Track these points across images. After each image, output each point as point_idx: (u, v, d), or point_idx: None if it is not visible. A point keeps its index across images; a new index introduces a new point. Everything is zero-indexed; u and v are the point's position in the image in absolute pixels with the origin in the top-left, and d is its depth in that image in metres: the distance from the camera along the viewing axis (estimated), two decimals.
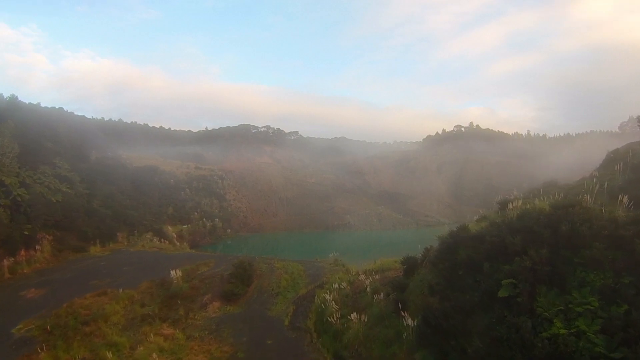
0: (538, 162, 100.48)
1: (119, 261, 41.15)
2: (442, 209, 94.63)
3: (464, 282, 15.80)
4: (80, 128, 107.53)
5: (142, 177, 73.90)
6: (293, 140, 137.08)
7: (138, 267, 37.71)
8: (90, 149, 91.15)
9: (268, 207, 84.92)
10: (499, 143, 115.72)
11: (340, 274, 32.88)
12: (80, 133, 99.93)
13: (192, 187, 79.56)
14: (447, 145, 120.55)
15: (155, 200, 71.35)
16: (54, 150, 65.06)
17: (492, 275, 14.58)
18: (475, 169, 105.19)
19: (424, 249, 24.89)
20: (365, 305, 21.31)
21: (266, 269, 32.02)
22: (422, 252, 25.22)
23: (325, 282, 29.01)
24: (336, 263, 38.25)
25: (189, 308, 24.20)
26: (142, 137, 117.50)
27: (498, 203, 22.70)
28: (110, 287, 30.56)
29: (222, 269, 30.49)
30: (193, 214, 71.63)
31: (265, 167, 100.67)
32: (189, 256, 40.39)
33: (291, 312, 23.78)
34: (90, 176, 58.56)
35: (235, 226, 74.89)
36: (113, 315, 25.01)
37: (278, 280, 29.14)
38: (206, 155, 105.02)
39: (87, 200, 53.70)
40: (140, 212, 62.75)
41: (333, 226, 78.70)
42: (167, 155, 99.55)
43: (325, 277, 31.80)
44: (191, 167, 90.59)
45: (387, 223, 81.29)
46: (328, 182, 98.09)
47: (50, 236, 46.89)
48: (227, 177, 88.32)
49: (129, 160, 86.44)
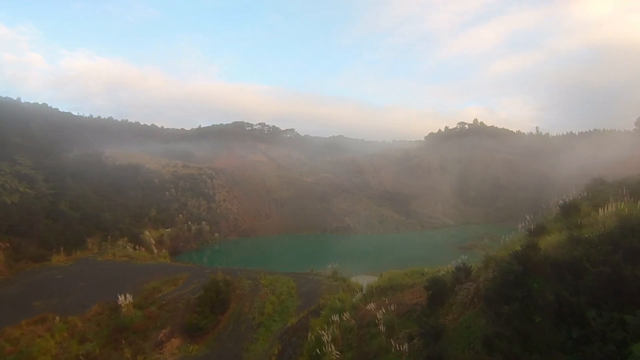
0: (548, 160, 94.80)
1: (78, 274, 35.01)
2: (446, 209, 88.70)
3: (546, 338, 9.74)
4: (61, 124, 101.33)
5: (122, 176, 67.55)
6: (289, 138, 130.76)
7: (96, 283, 31.52)
8: (71, 146, 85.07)
9: (261, 208, 78.67)
10: (505, 141, 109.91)
11: (340, 293, 26.77)
12: (60, 129, 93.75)
13: (178, 187, 73.22)
14: (450, 143, 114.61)
15: (136, 201, 64.97)
16: (21, 145, 58.79)
17: (605, 333, 8.48)
18: (481, 167, 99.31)
19: (456, 267, 18.96)
20: (378, 350, 15.25)
21: (249, 288, 25.88)
22: (451, 272, 19.17)
23: (321, 306, 22.91)
24: (335, 277, 32.14)
25: (138, 347, 18.05)
26: (132, 135, 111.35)
27: (560, 207, 16.48)
28: (54, 311, 24.54)
29: (192, 288, 24.28)
30: (178, 216, 65.32)
31: (259, 166, 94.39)
32: (161, 268, 34.18)
33: (276, 353, 17.63)
34: (58, 174, 52.14)
35: (224, 229, 68.59)
36: (41, 356, 18.83)
37: (262, 304, 23.00)
38: (196, 153, 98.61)
39: (51, 202, 47.37)
40: (117, 214, 56.42)
41: (331, 229, 72.55)
42: (154, 153, 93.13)
43: (321, 297, 25.72)
44: (179, 165, 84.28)
45: (389, 225, 75.24)
46: (326, 181, 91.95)
47: (6, 243, 40.73)
48: (217, 176, 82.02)
49: (112, 158, 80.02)
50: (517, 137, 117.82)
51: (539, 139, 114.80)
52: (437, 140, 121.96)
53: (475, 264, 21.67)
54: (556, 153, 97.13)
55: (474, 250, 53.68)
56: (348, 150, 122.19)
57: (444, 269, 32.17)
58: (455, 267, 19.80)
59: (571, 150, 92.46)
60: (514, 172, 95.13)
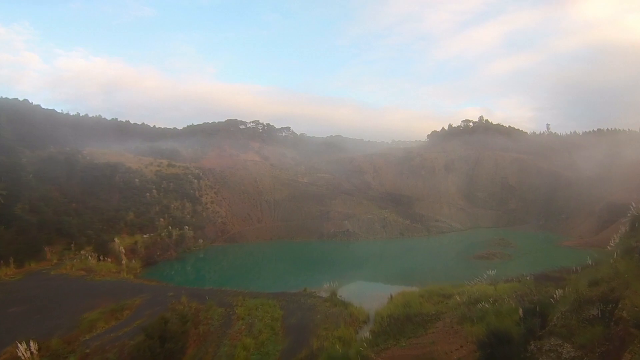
0: (561, 160, 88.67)
1: (15, 294, 28.44)
2: (453, 212, 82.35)
3: None
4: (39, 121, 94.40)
5: (96, 176, 60.73)
6: (284, 136, 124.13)
7: (31, 309, 24.88)
8: (48, 143, 78.31)
9: (252, 211, 71.99)
10: (514, 139, 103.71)
11: (340, 327, 20.25)
12: (35, 126, 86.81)
13: (160, 188, 66.50)
14: (455, 141, 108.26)
15: (111, 204, 58.19)
16: None
17: None
18: (489, 167, 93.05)
19: (523, 309, 12.54)
20: None
21: (218, 321, 19.34)
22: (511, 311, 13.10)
23: (315, 353, 16.36)
24: (333, 301, 25.59)
25: None
26: (120, 133, 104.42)
27: None
28: None
29: (137, 326, 17.65)
30: (158, 220, 58.58)
31: (251, 165, 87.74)
32: (116, 288, 27.57)
33: None
34: (14, 173, 45.28)
35: (210, 235, 61.89)
36: None
37: (232, 349, 16.38)
38: (184, 152, 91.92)
39: (3, 204, 40.51)
40: (85, 219, 49.63)
41: (329, 234, 65.89)
42: (138, 151, 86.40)
43: (316, 334, 19.17)
44: (164, 164, 77.51)
45: (393, 230, 68.69)
46: (323, 182, 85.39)
47: None
48: (204, 176, 75.34)
49: (89, 156, 73.17)
50: (526, 135, 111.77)
51: (553, 137, 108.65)
52: (440, 138, 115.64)
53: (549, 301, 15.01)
54: (568, 152, 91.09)
55: (494, 260, 47.11)
56: (346, 150, 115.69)
57: (472, 289, 25.57)
58: (523, 308, 13.23)
59: (586, 149, 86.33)
60: (525, 172, 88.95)
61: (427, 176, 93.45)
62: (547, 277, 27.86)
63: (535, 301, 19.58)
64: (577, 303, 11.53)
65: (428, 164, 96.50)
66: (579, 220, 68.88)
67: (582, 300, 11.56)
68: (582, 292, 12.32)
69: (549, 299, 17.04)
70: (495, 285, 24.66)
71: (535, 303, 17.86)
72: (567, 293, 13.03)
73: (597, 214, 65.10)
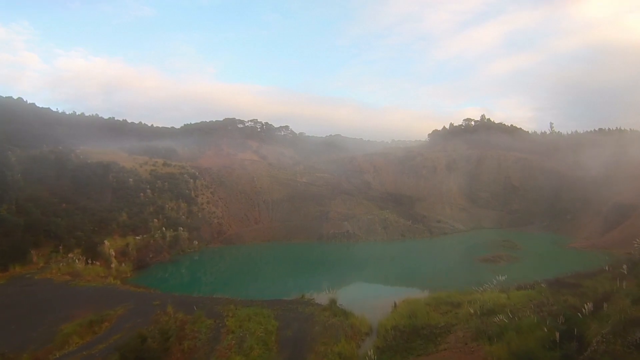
0: (565, 159, 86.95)
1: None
2: (456, 212, 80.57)
3: None
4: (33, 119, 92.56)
5: (88, 175, 58.77)
6: (283, 135, 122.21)
7: (8, 318, 23.21)
8: (41, 142, 76.32)
9: (249, 211, 70.16)
10: (517, 138, 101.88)
11: (341, 341, 18.48)
12: (27, 125, 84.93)
13: (155, 188, 64.60)
14: (456, 140, 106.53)
15: (103, 204, 56.28)
16: None
17: None
18: (492, 166, 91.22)
19: (559, 331, 10.67)
20: None
21: (206, 335, 17.53)
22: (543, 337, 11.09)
23: None
24: (333, 310, 23.76)
25: None
26: (116, 132, 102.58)
27: None
28: None
29: (115, 341, 15.81)
30: (152, 221, 56.69)
31: (248, 165, 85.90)
32: (100, 295, 25.80)
33: None
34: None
35: (206, 236, 60.07)
36: None
37: None
38: (180, 151, 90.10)
39: None
40: (75, 220, 47.76)
41: (328, 235, 64.02)
42: (133, 151, 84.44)
43: (313, 350, 17.39)
44: (159, 163, 75.62)
45: (394, 231, 66.86)
46: (322, 181, 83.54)
47: None
48: (201, 176, 73.44)
49: (83, 155, 71.25)
50: (529, 134, 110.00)
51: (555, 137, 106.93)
52: (441, 138, 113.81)
53: (574, 313, 13.25)
54: (573, 151, 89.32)
55: (500, 263, 45.18)
56: (346, 149, 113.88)
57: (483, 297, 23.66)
58: (557, 330, 11.42)
59: (590, 148, 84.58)
60: (528, 172, 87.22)
61: (428, 176, 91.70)
62: (561, 283, 26.13)
63: (554, 312, 17.71)
64: (621, 324, 9.67)
65: (429, 164, 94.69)
66: (585, 221, 67.16)
67: (626, 320, 9.71)
68: (626, 311, 10.45)
69: (575, 312, 15.25)
70: (507, 293, 22.85)
71: (554, 314, 15.97)
72: (609, 311, 11.19)
73: (604, 214, 63.45)
